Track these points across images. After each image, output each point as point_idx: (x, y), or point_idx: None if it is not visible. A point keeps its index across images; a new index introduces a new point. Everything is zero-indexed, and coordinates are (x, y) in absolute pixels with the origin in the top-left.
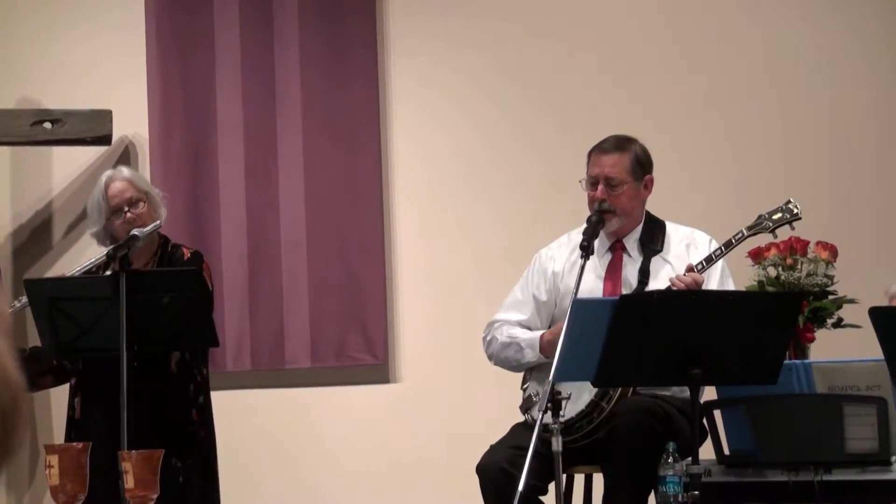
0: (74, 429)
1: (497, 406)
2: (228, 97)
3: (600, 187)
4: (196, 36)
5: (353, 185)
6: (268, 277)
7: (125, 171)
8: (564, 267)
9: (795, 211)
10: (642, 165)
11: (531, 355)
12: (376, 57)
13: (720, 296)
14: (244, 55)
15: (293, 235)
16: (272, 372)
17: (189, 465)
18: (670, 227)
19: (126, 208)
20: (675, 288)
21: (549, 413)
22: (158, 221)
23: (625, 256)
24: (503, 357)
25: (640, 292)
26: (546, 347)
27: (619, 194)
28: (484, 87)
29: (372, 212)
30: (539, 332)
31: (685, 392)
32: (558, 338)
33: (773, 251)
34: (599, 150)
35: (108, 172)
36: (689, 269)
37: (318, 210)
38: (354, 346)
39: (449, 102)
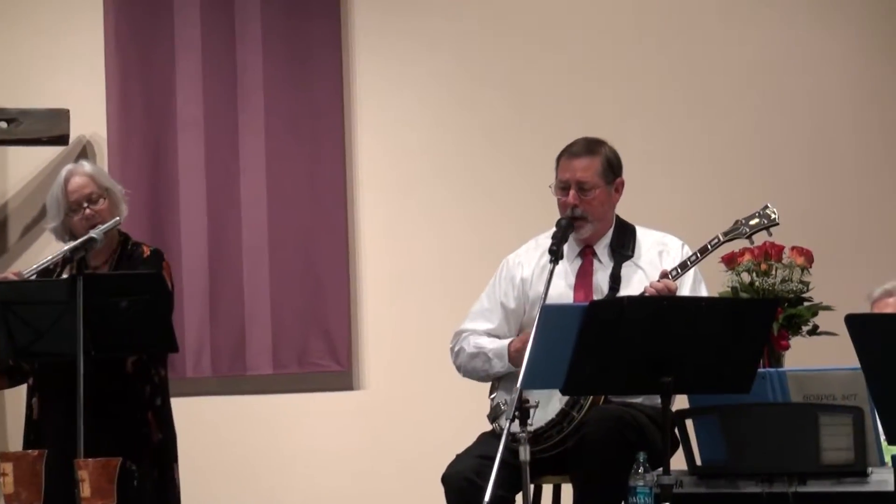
0: (33, 429)
1: (464, 414)
2: (189, 96)
3: (572, 192)
4: (156, 34)
5: (317, 187)
6: (229, 281)
7: (87, 165)
8: (533, 273)
9: (773, 216)
10: (613, 168)
11: (499, 365)
12: (340, 55)
13: (692, 302)
14: (205, 53)
15: (255, 238)
16: (233, 378)
17: (144, 469)
18: (641, 232)
19: (85, 204)
20: (648, 295)
21: (517, 422)
22: (118, 218)
23: (595, 262)
24: (471, 368)
25: (610, 298)
26: (514, 357)
27: (592, 199)
28: (450, 88)
29: (336, 214)
30: (507, 341)
31: (657, 400)
32: (525, 346)
33: (748, 256)
34: (569, 153)
35: (69, 167)
36: (664, 275)
37: (281, 212)
38: (317, 352)
39: (414, 102)
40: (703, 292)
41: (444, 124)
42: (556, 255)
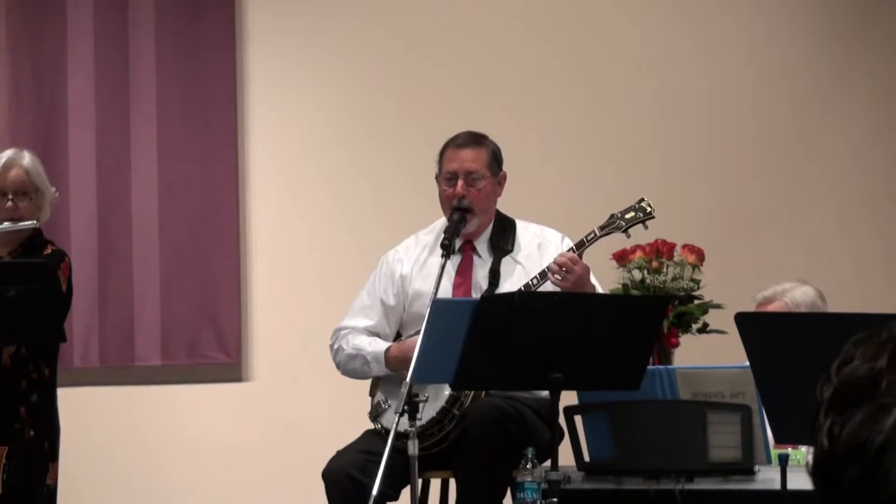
0: None
1: (352, 410)
2: (80, 87)
3: (460, 182)
4: (47, 22)
5: (209, 177)
6: (118, 271)
7: (28, 160)
8: (413, 270)
9: (648, 210)
10: (498, 161)
11: (377, 369)
12: (234, 47)
13: (583, 298)
14: (97, 42)
15: (145, 227)
16: (121, 369)
17: (13, 464)
18: (520, 226)
19: (10, 196)
20: (551, 273)
21: (406, 416)
22: (34, 222)
23: (475, 258)
24: (350, 368)
25: (503, 293)
26: (392, 361)
27: (480, 190)
28: (343, 84)
29: (227, 205)
30: (384, 346)
31: (540, 392)
32: (405, 352)
33: (639, 254)
34: (455, 145)
35: (13, 152)
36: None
37: (172, 202)
38: (207, 343)
39: (308, 97)
40: (596, 289)
41: (336, 120)
42: (448, 248)
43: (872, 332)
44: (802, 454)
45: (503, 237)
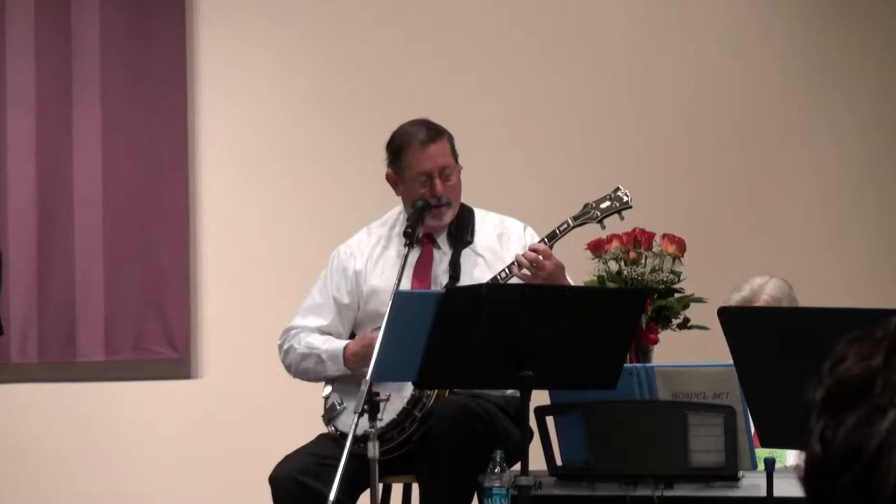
0: None
1: (305, 410)
2: (20, 65)
3: (439, 181)
4: None
5: (156, 162)
6: (59, 261)
7: None
8: (367, 265)
9: (625, 199)
10: (454, 144)
11: (334, 368)
12: (184, 22)
13: (556, 291)
14: (38, 20)
15: (88, 216)
16: (62, 365)
17: None
18: (479, 215)
19: None
20: (518, 266)
21: (365, 417)
22: None
23: (435, 250)
24: (302, 369)
25: (468, 285)
26: (351, 360)
27: (454, 183)
28: (301, 63)
29: (176, 191)
30: (342, 343)
31: (509, 390)
32: (365, 350)
33: (616, 243)
34: (420, 143)
35: None
36: (533, 249)
37: (117, 187)
38: (153, 338)
39: (263, 76)
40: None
41: (291, 102)
42: (411, 238)
43: (867, 329)
44: (783, 456)
45: (462, 228)
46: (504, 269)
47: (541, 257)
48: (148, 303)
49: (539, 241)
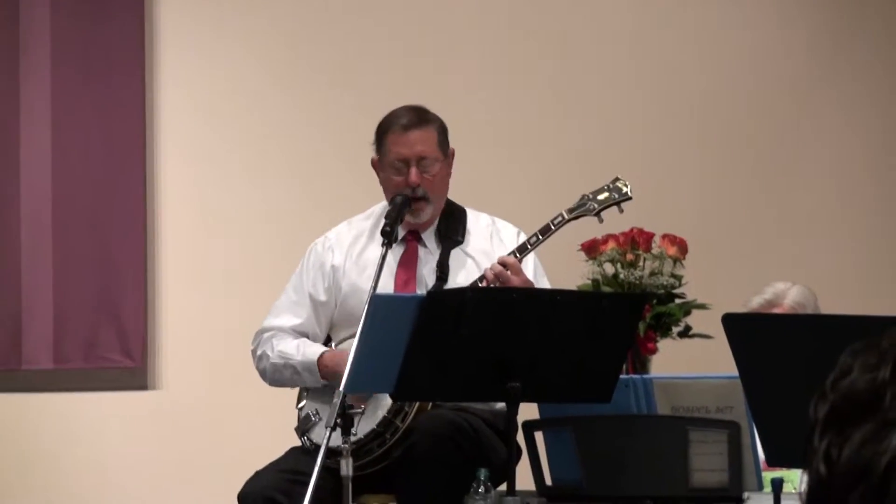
0: None
1: (274, 422)
2: None
3: (413, 170)
4: None
5: (111, 151)
6: (3, 259)
7: None
8: (346, 260)
9: (625, 190)
10: (446, 137)
11: (311, 380)
12: (143, 5)
13: (546, 295)
14: None
15: (36, 209)
16: (6, 373)
17: None
18: (471, 215)
19: None
20: (487, 280)
21: (338, 431)
22: None
23: (420, 248)
24: (277, 379)
25: (451, 288)
26: (325, 371)
27: (434, 175)
28: (266, 44)
29: (132, 183)
30: (316, 353)
31: (495, 403)
32: (337, 363)
33: (612, 244)
34: (400, 126)
35: None
36: (502, 262)
37: (68, 178)
38: (107, 344)
39: (226, 59)
40: (545, 285)
41: (256, 87)
42: (390, 236)
43: (870, 340)
44: (797, 476)
45: (452, 226)
46: (474, 281)
47: (508, 272)
48: (101, 306)
49: (513, 249)
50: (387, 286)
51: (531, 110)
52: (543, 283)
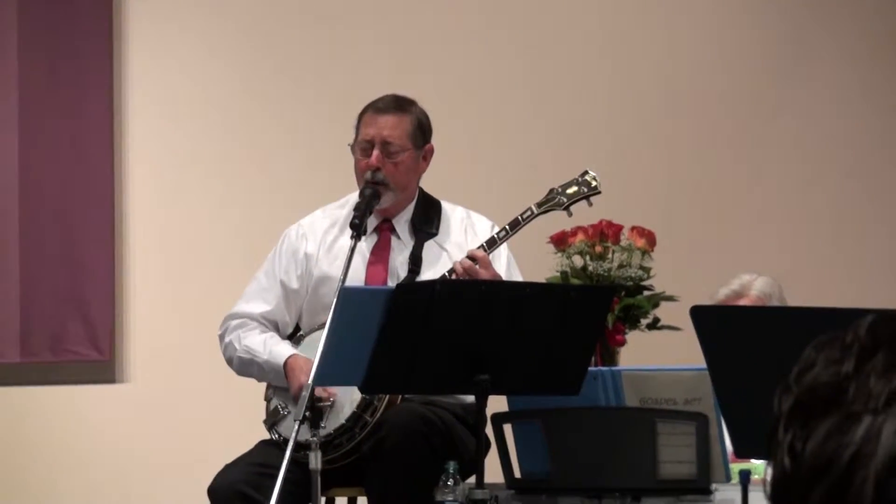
0: None
1: (244, 416)
2: None
3: (375, 153)
4: None
5: (79, 145)
6: None
7: None
8: (319, 249)
9: (594, 184)
10: (424, 132)
11: (276, 380)
12: (111, 3)
13: (515, 288)
14: None
15: (2, 203)
16: None
17: None
18: (447, 208)
19: None
20: (457, 274)
21: (307, 425)
22: None
23: (393, 239)
24: (244, 371)
25: (420, 281)
26: (289, 375)
27: (397, 163)
28: (235, 43)
29: (101, 179)
30: (283, 354)
31: (465, 397)
32: (309, 371)
33: (580, 236)
34: (375, 109)
35: None
36: (471, 255)
37: (35, 172)
38: (74, 338)
39: (195, 56)
40: (517, 278)
41: (224, 84)
42: (358, 229)
43: (835, 333)
44: (761, 468)
45: (428, 218)
46: (444, 274)
47: (477, 266)
48: (69, 300)
49: (482, 242)
50: (358, 277)
51: (500, 104)
52: (516, 276)
